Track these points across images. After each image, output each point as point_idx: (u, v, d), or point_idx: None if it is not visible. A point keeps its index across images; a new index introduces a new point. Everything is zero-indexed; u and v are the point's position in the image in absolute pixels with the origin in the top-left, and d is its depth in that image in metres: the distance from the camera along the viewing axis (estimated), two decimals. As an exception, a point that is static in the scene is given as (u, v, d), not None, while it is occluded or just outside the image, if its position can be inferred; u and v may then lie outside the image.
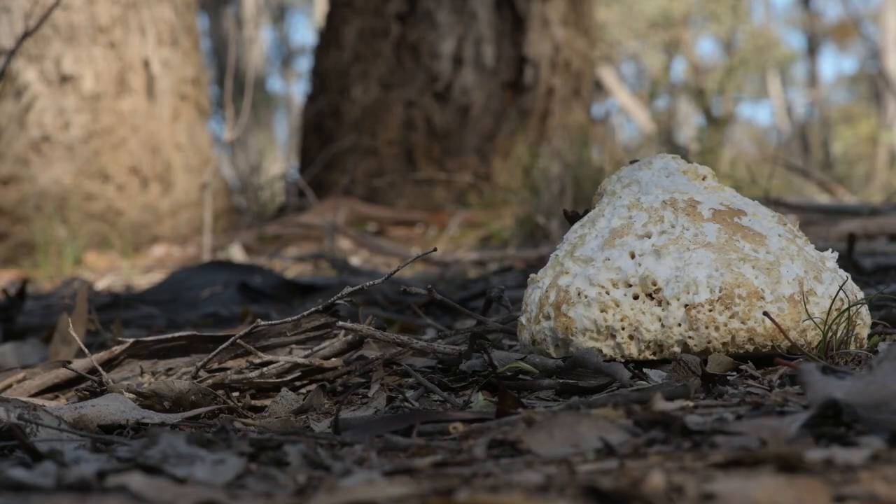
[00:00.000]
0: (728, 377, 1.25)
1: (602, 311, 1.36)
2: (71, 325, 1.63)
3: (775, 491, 0.66)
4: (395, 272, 1.43)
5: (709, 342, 1.32)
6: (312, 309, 1.52)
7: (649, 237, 1.38)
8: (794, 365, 1.20)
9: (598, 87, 13.20)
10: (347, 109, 5.89)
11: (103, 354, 1.56)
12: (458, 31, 5.73)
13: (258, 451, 0.91)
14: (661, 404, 0.96)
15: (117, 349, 1.56)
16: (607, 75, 14.25)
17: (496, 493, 0.71)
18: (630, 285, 1.35)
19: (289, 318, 1.52)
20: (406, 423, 1.05)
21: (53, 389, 1.52)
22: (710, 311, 1.32)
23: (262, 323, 1.47)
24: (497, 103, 5.75)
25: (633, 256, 1.37)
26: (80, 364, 1.52)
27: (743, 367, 1.30)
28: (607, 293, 1.36)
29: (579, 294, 1.37)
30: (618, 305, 1.35)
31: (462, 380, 1.37)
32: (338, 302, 1.50)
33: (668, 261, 1.35)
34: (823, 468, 0.73)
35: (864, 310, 1.39)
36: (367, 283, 1.47)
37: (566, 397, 1.26)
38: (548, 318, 1.38)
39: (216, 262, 3.32)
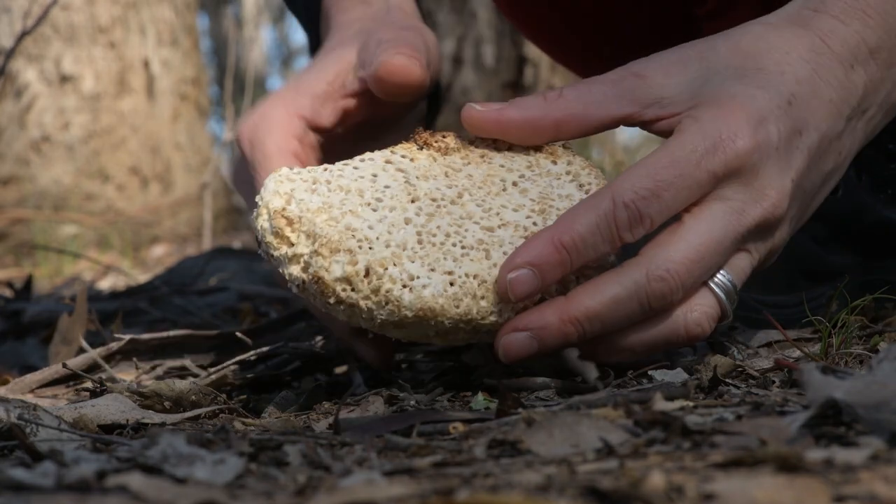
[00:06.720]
0: (728, 377, 1.25)
1: None
2: (71, 325, 1.62)
3: (775, 491, 0.66)
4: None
5: None
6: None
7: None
8: (794, 365, 1.20)
9: (598, 87, 13.15)
10: (347, 109, 5.88)
11: (101, 352, 1.56)
12: (458, 31, 5.73)
13: (258, 451, 0.91)
14: (661, 404, 0.96)
15: (114, 346, 1.56)
16: (607, 75, 14.24)
17: (496, 493, 0.71)
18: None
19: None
20: (406, 423, 1.05)
21: (52, 386, 1.52)
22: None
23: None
24: (497, 103, 5.75)
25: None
26: (78, 362, 1.52)
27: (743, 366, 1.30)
28: None
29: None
30: None
31: (462, 380, 1.37)
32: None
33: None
34: (823, 468, 0.73)
35: (864, 310, 1.39)
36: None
37: (566, 397, 1.26)
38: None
39: (221, 249, 3.29)
